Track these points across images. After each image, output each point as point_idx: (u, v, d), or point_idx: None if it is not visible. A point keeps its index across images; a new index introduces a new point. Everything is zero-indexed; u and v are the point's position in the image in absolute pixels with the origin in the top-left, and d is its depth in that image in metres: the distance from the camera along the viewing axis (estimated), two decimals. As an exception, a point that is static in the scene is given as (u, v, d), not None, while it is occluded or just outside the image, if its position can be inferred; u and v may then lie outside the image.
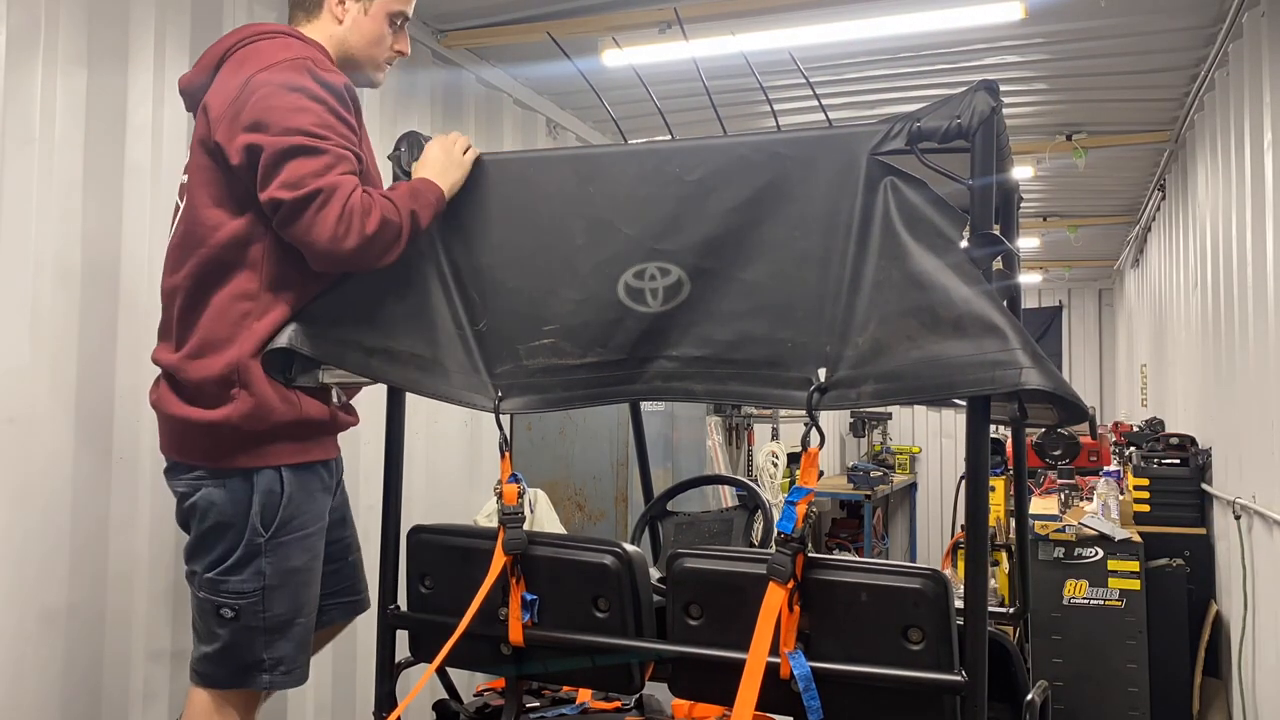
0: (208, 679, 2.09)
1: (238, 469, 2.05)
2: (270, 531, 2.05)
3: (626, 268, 1.98)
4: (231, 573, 2.04)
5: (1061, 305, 10.94)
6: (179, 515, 2.16)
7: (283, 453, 2.07)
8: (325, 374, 2.13)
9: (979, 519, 1.72)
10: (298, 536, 2.09)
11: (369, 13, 2.23)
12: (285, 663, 2.09)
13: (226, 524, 2.05)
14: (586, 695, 2.45)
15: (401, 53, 2.33)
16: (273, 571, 2.05)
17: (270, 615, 2.06)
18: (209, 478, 2.06)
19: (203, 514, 2.06)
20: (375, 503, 2.22)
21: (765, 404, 2.36)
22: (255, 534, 2.03)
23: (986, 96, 1.75)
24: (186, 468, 2.10)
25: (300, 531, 2.10)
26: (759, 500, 2.78)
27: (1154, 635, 4.42)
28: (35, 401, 2.49)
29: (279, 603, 2.07)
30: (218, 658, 2.07)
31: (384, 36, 2.27)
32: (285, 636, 2.09)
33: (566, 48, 2.53)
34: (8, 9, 2.43)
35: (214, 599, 2.06)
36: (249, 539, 2.03)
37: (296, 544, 2.09)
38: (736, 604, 1.80)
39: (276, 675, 2.09)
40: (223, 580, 2.05)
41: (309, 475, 2.12)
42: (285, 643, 2.09)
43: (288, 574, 2.08)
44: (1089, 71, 4.61)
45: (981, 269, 1.72)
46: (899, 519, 10.14)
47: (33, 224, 2.49)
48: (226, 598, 2.04)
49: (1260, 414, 3.59)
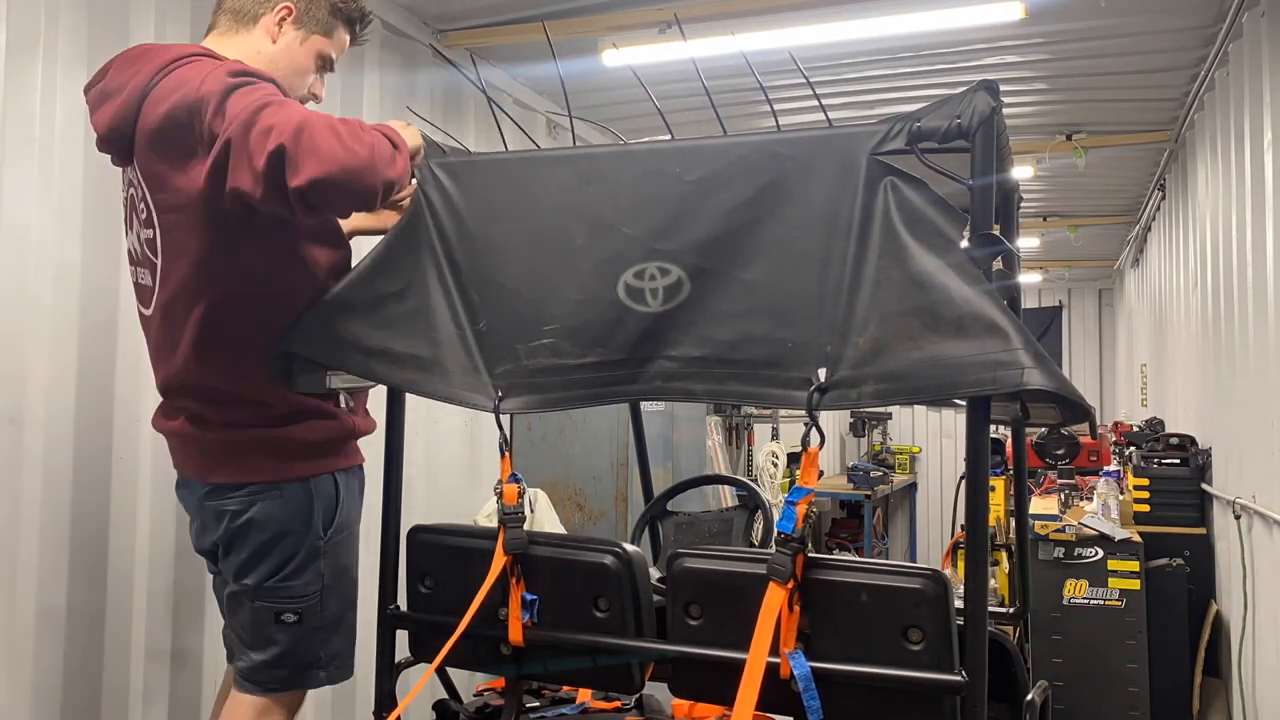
0: (265, 685, 2.11)
1: (296, 478, 2.09)
2: (328, 534, 2.12)
3: (626, 267, 1.98)
4: (293, 578, 2.08)
5: (1061, 305, 10.94)
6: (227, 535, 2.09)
7: (335, 461, 2.15)
8: (333, 378, 2.14)
9: (979, 519, 1.72)
10: (345, 536, 2.17)
11: (304, 44, 2.17)
12: (339, 658, 2.17)
13: (286, 532, 2.08)
14: (586, 695, 2.46)
15: (316, 97, 2.24)
16: (329, 572, 2.12)
17: (327, 614, 2.12)
18: (264, 491, 2.08)
19: (261, 526, 2.07)
20: (375, 503, 2.22)
21: (765, 404, 2.37)
22: (316, 537, 2.09)
23: (986, 96, 1.74)
24: (236, 486, 2.09)
25: (347, 531, 2.18)
26: (759, 500, 2.78)
27: (1154, 635, 4.42)
28: (35, 401, 2.49)
29: (334, 600, 2.13)
30: (277, 663, 2.10)
31: (308, 71, 2.20)
32: (338, 632, 2.16)
33: (567, 47, 2.53)
34: (8, 9, 2.43)
35: (274, 606, 2.08)
36: (310, 543, 2.09)
37: (345, 543, 2.17)
38: (736, 604, 1.80)
39: (332, 670, 2.16)
40: (283, 586, 2.08)
41: (354, 478, 2.21)
42: (338, 638, 2.16)
43: (340, 572, 2.15)
44: (1089, 71, 4.61)
45: (982, 269, 1.71)
46: (899, 519, 10.14)
47: (33, 224, 2.49)
48: (288, 603, 2.08)
49: (1260, 414, 3.59)
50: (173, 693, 2.83)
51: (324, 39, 2.19)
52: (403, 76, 3.91)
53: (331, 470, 2.13)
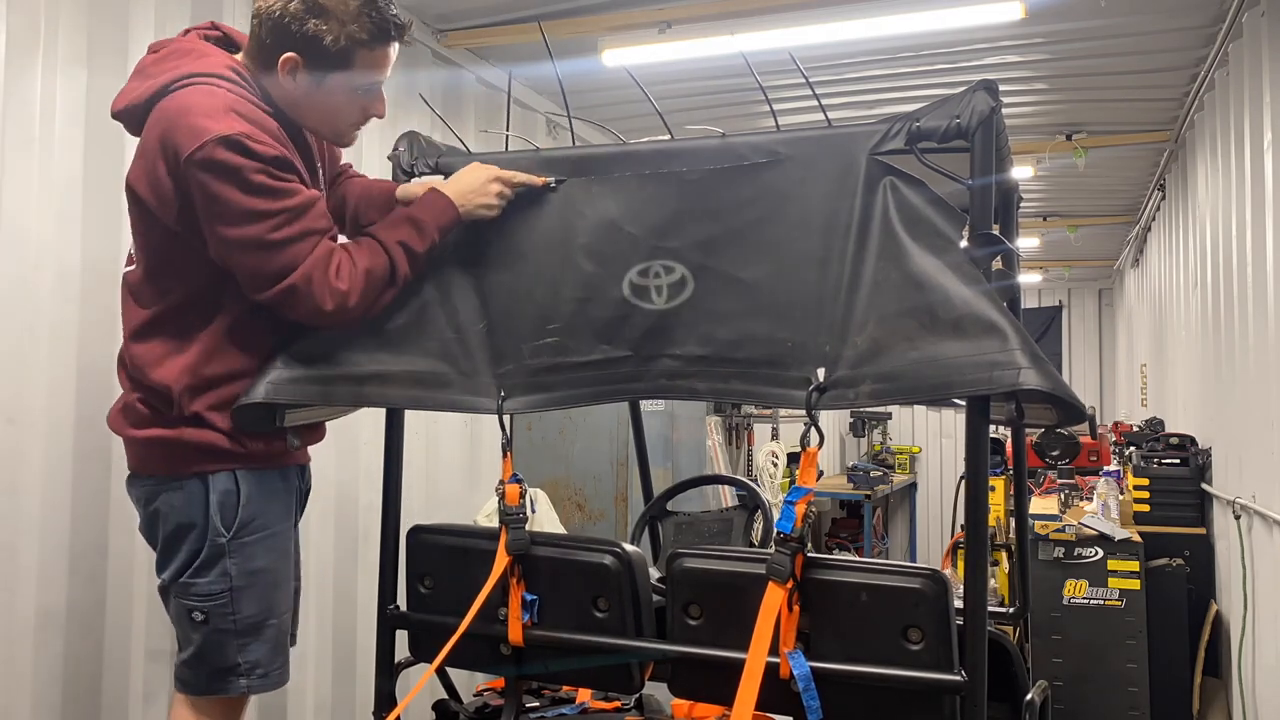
0: (187, 685, 2.09)
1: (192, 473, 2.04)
2: (232, 532, 2.03)
3: (631, 265, 1.98)
4: (198, 575, 2.03)
5: (1061, 305, 10.94)
6: (143, 524, 2.13)
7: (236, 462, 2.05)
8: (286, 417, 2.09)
9: (979, 519, 1.72)
10: (261, 536, 2.07)
11: (322, 86, 2.02)
12: (261, 665, 2.07)
13: (188, 525, 2.04)
14: (586, 695, 2.45)
15: (376, 115, 2.13)
16: (239, 572, 2.03)
17: (241, 617, 2.04)
18: (165, 482, 2.06)
19: (165, 517, 2.06)
20: (375, 503, 2.22)
21: (765, 403, 2.37)
22: (217, 534, 2.03)
23: (986, 96, 1.75)
24: (145, 476, 2.10)
25: (263, 531, 2.07)
26: (759, 500, 2.78)
27: (1154, 635, 4.42)
28: (35, 401, 2.49)
29: (248, 604, 2.05)
30: (194, 663, 2.07)
31: (339, 109, 2.08)
32: (258, 639, 2.07)
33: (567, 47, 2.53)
34: (8, 9, 2.43)
35: (185, 603, 2.05)
36: (211, 540, 2.03)
37: (260, 544, 2.07)
38: (736, 604, 1.80)
39: (254, 679, 2.07)
40: (191, 583, 2.04)
41: (269, 474, 2.10)
42: (259, 645, 2.07)
43: (254, 574, 2.05)
44: (1089, 71, 4.61)
45: (981, 269, 1.72)
46: (899, 519, 10.14)
47: (33, 224, 2.49)
48: (195, 600, 2.04)
49: (1260, 414, 3.59)
50: (172, 693, 2.83)
51: (347, 74, 2.02)
52: (403, 76, 3.91)
53: (231, 468, 2.03)
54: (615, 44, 3.95)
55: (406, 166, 2.25)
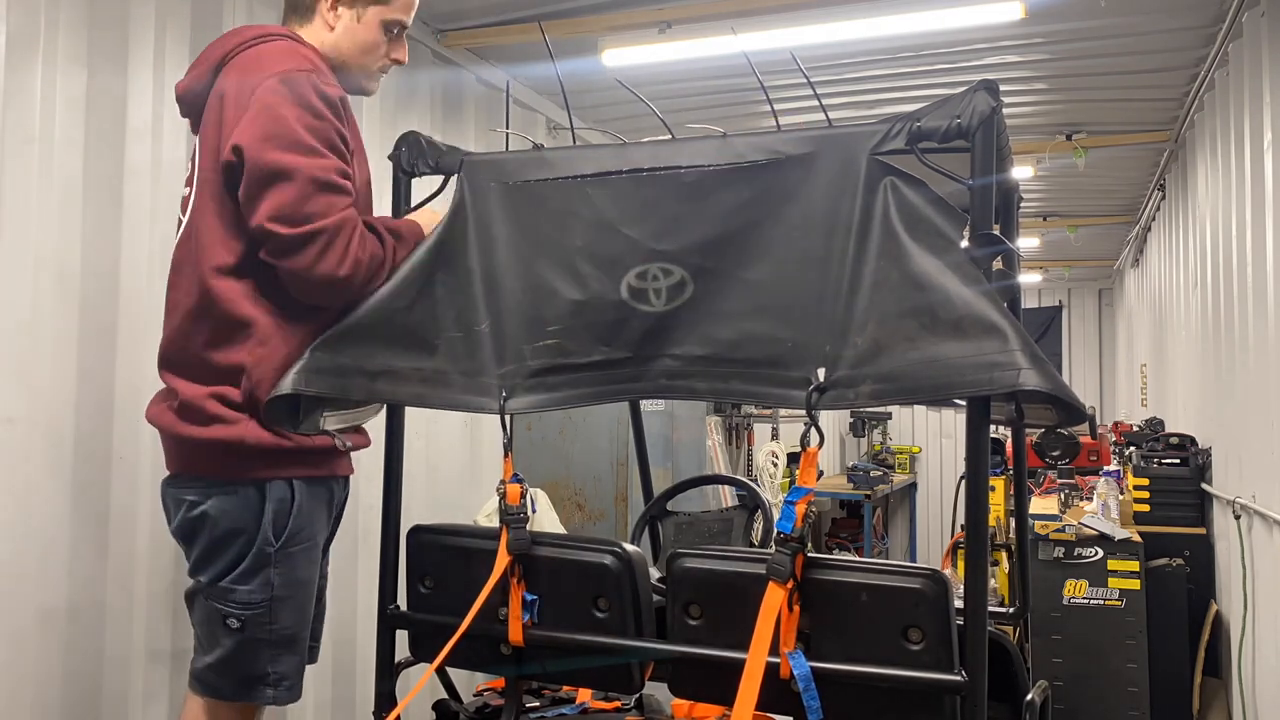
0: (210, 688, 2.09)
1: (250, 479, 2.05)
2: (280, 541, 2.05)
3: (629, 268, 1.98)
4: (240, 581, 2.04)
5: (1061, 305, 10.94)
6: (184, 526, 2.11)
7: (295, 469, 2.09)
8: (327, 420, 2.10)
9: (979, 519, 1.72)
10: (304, 548, 2.10)
11: (362, 20, 2.18)
12: (289, 678, 2.09)
13: (238, 531, 2.04)
14: (586, 695, 2.45)
15: (398, 61, 2.29)
16: (281, 583, 2.06)
17: (277, 628, 2.06)
18: (219, 485, 2.06)
19: (214, 522, 2.05)
20: (375, 503, 2.22)
21: (765, 403, 2.37)
22: (266, 543, 2.04)
23: (986, 96, 1.75)
24: (194, 477, 2.10)
25: (307, 543, 2.11)
26: (759, 500, 2.78)
27: (1154, 635, 4.42)
28: (35, 401, 2.49)
29: (285, 615, 2.07)
30: (220, 668, 2.07)
31: (378, 44, 2.23)
32: (290, 650, 2.08)
33: (567, 47, 2.53)
34: (8, 9, 2.43)
35: (221, 607, 2.05)
36: (259, 548, 2.04)
37: (303, 555, 2.10)
38: (736, 604, 1.80)
39: (280, 691, 2.08)
40: (231, 589, 2.05)
41: (320, 487, 2.14)
42: (290, 657, 2.09)
43: (294, 586, 2.08)
44: (1089, 71, 4.62)
45: (981, 269, 1.71)
46: (899, 519, 10.14)
47: (33, 224, 2.49)
48: (233, 607, 2.04)
49: (1260, 414, 3.59)
50: (173, 693, 2.83)
51: (381, 7, 2.19)
52: (403, 76, 3.91)
53: (289, 476, 2.07)
54: (615, 44, 3.95)
55: (407, 166, 2.25)
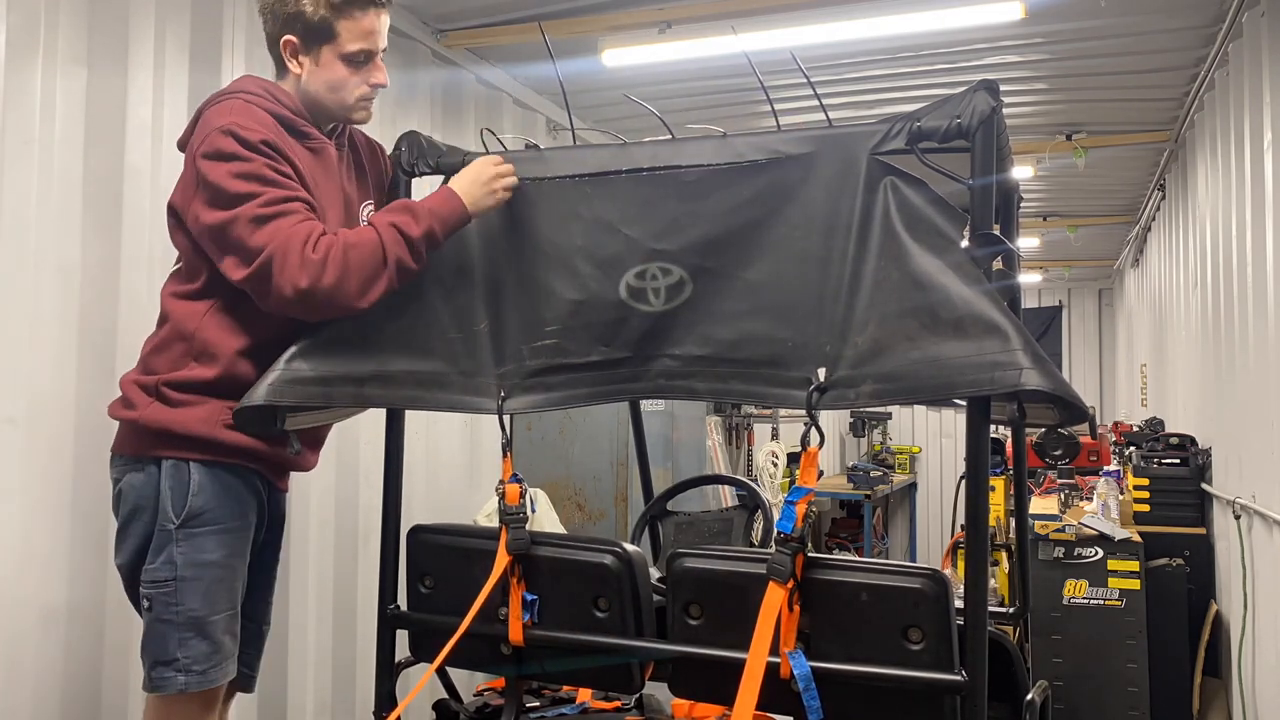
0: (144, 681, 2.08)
1: (151, 456, 2.07)
2: (180, 519, 2.03)
3: (628, 268, 1.98)
4: (150, 560, 2.04)
5: (1061, 305, 10.93)
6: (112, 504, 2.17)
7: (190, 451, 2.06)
8: (288, 421, 2.09)
9: (979, 519, 1.72)
10: (211, 531, 2.05)
11: (320, 62, 2.14)
12: (200, 664, 2.02)
13: (142, 507, 2.06)
14: (586, 695, 2.46)
15: (379, 85, 2.21)
16: (184, 562, 2.02)
17: (183, 609, 2.01)
18: (131, 463, 2.10)
19: (125, 497, 2.09)
20: (375, 503, 2.22)
21: (765, 403, 2.37)
22: (166, 519, 2.03)
23: (986, 96, 1.75)
24: (116, 456, 2.16)
25: (214, 526, 2.05)
26: (759, 500, 2.78)
27: (1154, 635, 4.42)
28: (35, 401, 2.49)
29: (191, 598, 2.02)
30: (141, 653, 2.06)
31: (345, 79, 2.16)
32: (200, 635, 2.02)
33: (567, 47, 2.53)
34: (8, 9, 2.43)
35: (139, 590, 2.06)
36: (160, 524, 2.04)
37: (210, 539, 2.04)
38: (736, 604, 1.80)
39: (191, 676, 2.02)
40: (144, 570, 2.05)
41: (229, 476, 2.09)
42: (200, 641, 2.03)
43: (200, 568, 2.03)
44: (1089, 71, 4.61)
45: (982, 269, 1.72)
46: (899, 519, 10.14)
47: (33, 224, 2.49)
48: (145, 587, 2.04)
49: (1260, 414, 3.59)
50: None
51: (334, 45, 2.13)
52: (403, 77, 3.91)
53: (185, 458, 2.04)
54: (615, 44, 3.95)
55: (407, 166, 2.25)
